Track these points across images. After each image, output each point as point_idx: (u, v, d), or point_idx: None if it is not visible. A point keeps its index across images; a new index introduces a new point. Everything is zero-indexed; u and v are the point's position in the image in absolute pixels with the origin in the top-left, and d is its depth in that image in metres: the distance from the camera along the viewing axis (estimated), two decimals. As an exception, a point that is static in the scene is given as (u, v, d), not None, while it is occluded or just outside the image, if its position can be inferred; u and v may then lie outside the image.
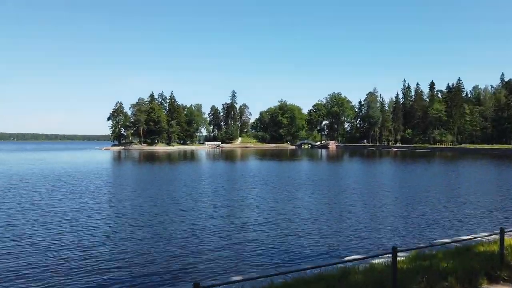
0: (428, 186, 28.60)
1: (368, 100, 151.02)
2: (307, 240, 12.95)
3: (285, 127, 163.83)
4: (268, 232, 14.07)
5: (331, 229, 14.42)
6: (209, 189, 26.44)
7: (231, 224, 15.37)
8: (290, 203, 20.59)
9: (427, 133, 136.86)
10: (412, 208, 18.82)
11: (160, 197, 22.72)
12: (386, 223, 15.40)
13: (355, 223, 15.55)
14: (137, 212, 18.07)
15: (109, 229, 14.51)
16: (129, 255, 11.25)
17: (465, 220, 16.05)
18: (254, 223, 15.63)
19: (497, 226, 14.00)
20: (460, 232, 13.61)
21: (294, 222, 15.84)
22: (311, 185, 28.68)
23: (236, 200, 21.85)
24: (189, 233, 13.89)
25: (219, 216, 17.08)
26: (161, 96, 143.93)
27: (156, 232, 14.15)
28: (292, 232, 14.08)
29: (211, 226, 14.96)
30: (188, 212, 17.98)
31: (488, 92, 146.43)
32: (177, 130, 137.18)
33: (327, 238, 13.16)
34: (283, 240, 12.95)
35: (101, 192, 24.62)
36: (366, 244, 12.36)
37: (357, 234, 13.68)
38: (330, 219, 16.26)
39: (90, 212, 17.93)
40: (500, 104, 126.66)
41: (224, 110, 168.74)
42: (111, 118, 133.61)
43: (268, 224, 15.33)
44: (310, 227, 14.90)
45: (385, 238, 13.18)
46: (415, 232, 13.92)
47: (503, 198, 22.11)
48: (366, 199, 21.97)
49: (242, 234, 13.75)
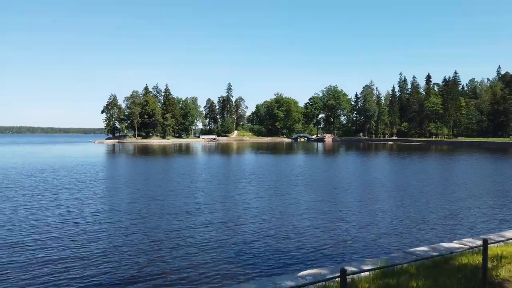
0: (422, 182, 28.08)
1: (365, 93, 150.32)
2: (262, 245, 12.29)
3: (281, 120, 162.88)
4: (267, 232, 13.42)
5: (298, 235, 12.95)
6: (203, 186, 25.76)
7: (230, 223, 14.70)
8: (279, 201, 19.98)
9: (423, 126, 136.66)
10: (402, 207, 17.58)
11: (145, 195, 22.00)
12: (372, 226, 13.98)
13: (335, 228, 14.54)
14: (118, 210, 17.36)
15: (80, 230, 13.80)
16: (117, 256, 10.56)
17: (456, 221, 14.80)
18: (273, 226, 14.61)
19: (491, 228, 13.35)
20: (450, 235, 12.36)
21: (272, 223, 15.19)
22: (302, 182, 28.10)
23: (232, 197, 21.17)
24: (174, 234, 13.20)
25: (215, 215, 16.41)
26: (156, 88, 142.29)
27: (148, 232, 13.46)
28: (268, 236, 13.43)
29: (208, 224, 14.28)
30: (181, 211, 17.29)
31: (484, 85, 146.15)
32: (172, 123, 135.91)
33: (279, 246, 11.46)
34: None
35: (78, 188, 23.86)
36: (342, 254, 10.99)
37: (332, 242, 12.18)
38: (298, 225, 14.83)
39: (59, 212, 17.19)
40: (496, 97, 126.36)
41: (220, 103, 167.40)
42: (105, 111, 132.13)
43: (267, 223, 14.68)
44: (284, 230, 14.25)
45: (367, 242, 11.82)
46: (397, 237, 12.35)
47: (498, 196, 21.43)
48: (354, 199, 21.37)
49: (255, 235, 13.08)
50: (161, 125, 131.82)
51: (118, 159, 53.00)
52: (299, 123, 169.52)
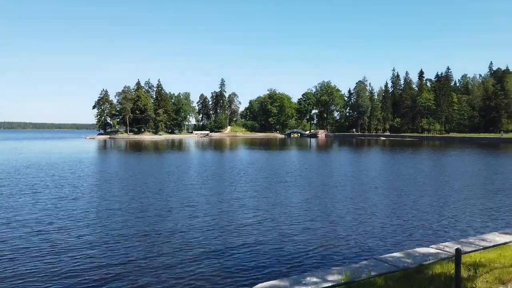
0: (410, 179, 27.89)
1: (358, 89, 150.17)
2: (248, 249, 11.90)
3: (274, 116, 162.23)
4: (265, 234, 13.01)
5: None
6: (194, 184, 25.30)
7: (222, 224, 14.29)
8: (266, 200, 19.60)
9: (416, 122, 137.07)
10: (388, 207, 16.68)
11: (128, 193, 21.50)
12: (352, 228, 12.99)
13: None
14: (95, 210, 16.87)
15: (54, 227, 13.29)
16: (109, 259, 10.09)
17: (440, 221, 13.89)
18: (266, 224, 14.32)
19: (477, 229, 13.02)
20: (431, 238, 11.48)
21: (256, 228, 14.81)
22: (291, 179, 27.80)
23: (222, 196, 20.76)
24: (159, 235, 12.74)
25: (210, 215, 15.99)
26: (148, 84, 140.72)
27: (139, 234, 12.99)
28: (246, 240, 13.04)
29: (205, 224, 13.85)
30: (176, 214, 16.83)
31: (476, 81, 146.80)
32: (165, 119, 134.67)
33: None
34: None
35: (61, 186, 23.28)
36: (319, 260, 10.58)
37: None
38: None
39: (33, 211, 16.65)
40: (487, 93, 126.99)
41: (213, 98, 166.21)
42: (97, 107, 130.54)
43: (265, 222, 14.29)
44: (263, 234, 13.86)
45: (344, 247, 11.10)
46: (375, 241, 11.47)
47: (487, 194, 21.07)
48: (340, 198, 21.05)
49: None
50: (153, 120, 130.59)
51: (106, 156, 52.23)
52: (293, 119, 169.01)
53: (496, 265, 6.20)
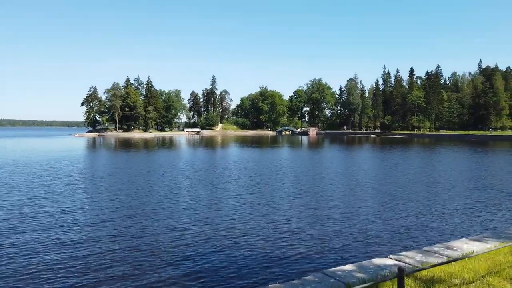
0: (391, 179, 27.60)
1: (349, 86, 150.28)
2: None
3: (265, 114, 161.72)
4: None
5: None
6: (186, 184, 24.67)
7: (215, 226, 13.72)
8: (252, 203, 19.11)
9: (406, 120, 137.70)
10: (368, 210, 15.59)
11: (103, 193, 20.81)
12: (325, 234, 12.04)
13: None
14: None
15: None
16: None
17: (415, 226, 12.70)
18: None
19: (451, 233, 12.46)
20: (396, 246, 10.39)
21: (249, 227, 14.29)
22: (279, 179, 27.32)
23: (211, 198, 20.17)
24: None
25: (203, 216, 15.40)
26: (137, 81, 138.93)
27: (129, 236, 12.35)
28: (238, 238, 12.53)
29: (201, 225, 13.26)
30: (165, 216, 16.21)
31: (466, 79, 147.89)
32: (155, 116, 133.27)
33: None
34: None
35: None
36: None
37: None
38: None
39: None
40: (477, 90, 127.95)
41: (204, 96, 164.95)
42: (85, 104, 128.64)
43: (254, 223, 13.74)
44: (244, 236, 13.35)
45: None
46: (338, 251, 10.24)
47: (470, 197, 20.05)
48: (322, 201, 20.61)
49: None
50: (143, 118, 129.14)
51: (90, 154, 51.21)
52: (284, 116, 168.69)
53: (455, 281, 5.57)
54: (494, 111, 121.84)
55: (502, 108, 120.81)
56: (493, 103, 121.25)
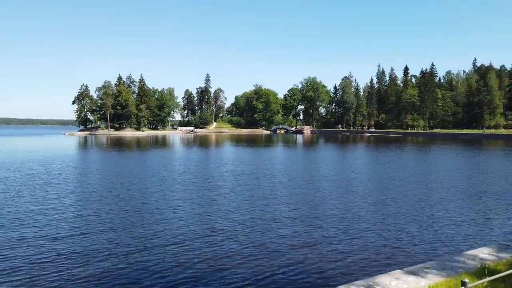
0: (391, 183, 26.75)
1: (343, 85, 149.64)
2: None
3: (260, 112, 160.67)
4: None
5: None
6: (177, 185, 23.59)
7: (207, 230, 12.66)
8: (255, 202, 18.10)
9: (400, 118, 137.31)
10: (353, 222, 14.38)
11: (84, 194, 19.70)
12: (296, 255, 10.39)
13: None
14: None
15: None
16: None
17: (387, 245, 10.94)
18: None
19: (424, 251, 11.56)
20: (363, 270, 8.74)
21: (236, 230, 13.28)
22: (270, 182, 26.35)
23: (202, 198, 19.13)
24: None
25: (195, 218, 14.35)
26: (129, 79, 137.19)
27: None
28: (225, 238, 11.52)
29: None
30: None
31: (460, 77, 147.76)
32: (147, 115, 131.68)
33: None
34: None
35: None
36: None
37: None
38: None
39: None
40: (471, 89, 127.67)
41: (198, 94, 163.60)
42: (76, 102, 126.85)
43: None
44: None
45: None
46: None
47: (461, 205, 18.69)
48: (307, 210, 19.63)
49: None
50: (135, 116, 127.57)
51: (80, 154, 49.89)
52: (279, 115, 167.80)
53: None
54: (488, 110, 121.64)
55: (496, 106, 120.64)
56: (487, 102, 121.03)
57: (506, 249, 8.15)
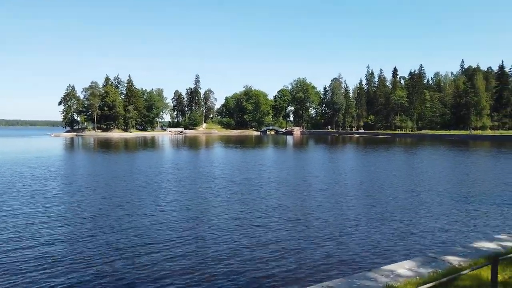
0: (381, 184, 26.44)
1: (333, 86, 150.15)
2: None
3: (250, 113, 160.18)
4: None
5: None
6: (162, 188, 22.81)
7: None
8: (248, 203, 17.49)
9: (389, 119, 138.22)
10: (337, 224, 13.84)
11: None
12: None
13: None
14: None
15: None
16: None
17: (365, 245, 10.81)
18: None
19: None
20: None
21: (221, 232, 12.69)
22: (257, 185, 25.79)
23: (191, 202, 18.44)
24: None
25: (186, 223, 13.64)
26: (117, 79, 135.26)
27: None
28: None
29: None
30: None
31: (448, 78, 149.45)
32: (135, 116, 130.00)
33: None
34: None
35: None
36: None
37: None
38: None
39: None
40: (458, 90, 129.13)
41: (188, 95, 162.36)
42: (63, 103, 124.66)
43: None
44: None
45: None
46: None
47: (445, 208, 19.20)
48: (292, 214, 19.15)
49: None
50: (122, 117, 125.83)
51: (64, 155, 48.65)
52: (269, 116, 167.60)
53: None
54: (475, 111, 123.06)
55: (483, 108, 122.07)
56: (474, 103, 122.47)
57: (429, 263, 7.51)
